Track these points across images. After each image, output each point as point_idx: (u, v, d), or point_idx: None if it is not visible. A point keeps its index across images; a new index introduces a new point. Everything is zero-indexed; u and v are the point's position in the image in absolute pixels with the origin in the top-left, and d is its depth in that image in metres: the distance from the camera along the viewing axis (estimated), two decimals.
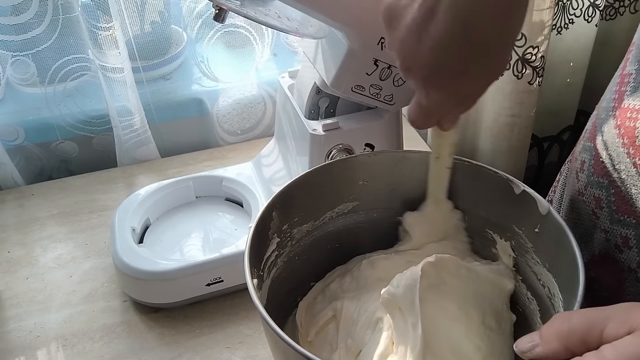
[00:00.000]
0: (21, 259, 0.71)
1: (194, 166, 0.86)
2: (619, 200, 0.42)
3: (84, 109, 0.83)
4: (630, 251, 0.42)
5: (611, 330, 0.30)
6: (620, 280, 0.43)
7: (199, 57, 0.84)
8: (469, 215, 0.52)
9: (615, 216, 0.42)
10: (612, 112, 0.44)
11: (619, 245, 0.42)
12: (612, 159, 0.42)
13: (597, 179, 0.44)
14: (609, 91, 0.46)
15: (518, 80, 0.77)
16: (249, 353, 0.60)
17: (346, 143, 0.61)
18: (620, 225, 0.42)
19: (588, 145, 0.47)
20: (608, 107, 0.45)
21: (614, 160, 0.42)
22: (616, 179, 0.42)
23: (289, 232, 0.50)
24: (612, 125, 0.43)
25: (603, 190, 0.43)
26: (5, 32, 0.74)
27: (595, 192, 0.44)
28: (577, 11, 0.80)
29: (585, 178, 0.46)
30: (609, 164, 0.43)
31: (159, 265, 0.62)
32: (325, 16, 0.50)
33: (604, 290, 0.45)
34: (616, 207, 0.42)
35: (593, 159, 0.45)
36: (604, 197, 0.43)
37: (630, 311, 0.31)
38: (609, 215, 0.43)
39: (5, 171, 0.82)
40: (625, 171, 0.41)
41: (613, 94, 0.44)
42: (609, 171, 0.43)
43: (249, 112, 0.92)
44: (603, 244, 0.44)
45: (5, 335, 0.62)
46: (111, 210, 0.74)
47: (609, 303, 0.32)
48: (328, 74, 0.56)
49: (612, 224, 0.43)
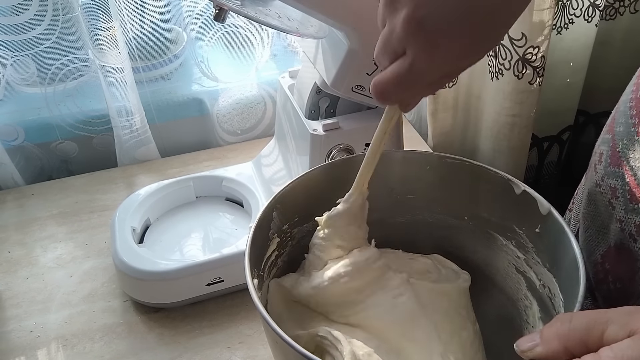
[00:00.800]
0: (21, 259, 0.71)
1: (194, 166, 0.86)
2: (633, 187, 0.42)
3: (84, 109, 0.83)
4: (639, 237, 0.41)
5: (611, 332, 0.30)
6: (634, 270, 0.43)
7: (199, 57, 0.84)
8: (469, 216, 0.52)
9: (629, 205, 0.42)
10: (629, 103, 0.44)
11: (633, 234, 0.42)
12: (627, 147, 0.42)
13: (613, 169, 0.44)
14: (630, 85, 0.46)
15: (518, 80, 0.77)
16: (249, 353, 0.60)
17: (346, 143, 0.61)
18: (634, 214, 0.42)
19: (606, 138, 0.46)
20: (626, 99, 0.45)
21: (629, 149, 0.42)
22: (631, 167, 0.42)
23: (289, 232, 0.50)
24: (628, 116, 0.43)
25: (619, 180, 0.43)
26: (5, 32, 0.74)
27: (611, 182, 0.44)
28: (577, 11, 0.80)
29: (602, 169, 0.46)
30: (624, 153, 0.43)
31: (159, 265, 0.62)
32: (326, 16, 0.50)
33: (618, 281, 0.45)
34: (630, 196, 0.42)
35: (610, 149, 0.45)
36: (619, 186, 0.43)
37: (632, 315, 0.31)
38: (624, 204, 0.43)
39: (5, 171, 0.82)
40: (638, 159, 0.41)
41: (632, 87, 0.44)
42: (622, 161, 0.43)
43: (249, 112, 0.92)
44: (618, 234, 0.44)
45: (5, 336, 0.62)
46: (111, 210, 0.74)
47: (621, 295, 0.32)
48: (328, 74, 0.56)
49: (626, 213, 0.42)
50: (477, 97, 0.85)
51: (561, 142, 0.96)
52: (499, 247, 0.51)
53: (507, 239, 0.50)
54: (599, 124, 0.94)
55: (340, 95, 0.59)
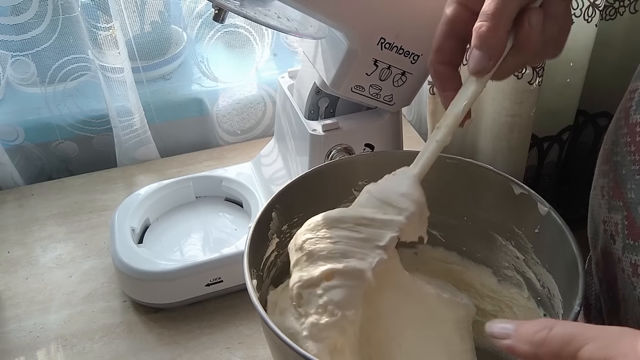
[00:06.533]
0: (21, 259, 0.71)
1: (194, 166, 0.86)
2: (613, 185, 0.42)
3: (84, 109, 0.83)
4: (618, 237, 0.41)
5: (587, 351, 0.28)
6: (615, 275, 0.42)
7: (199, 57, 0.84)
8: (468, 216, 0.52)
9: (612, 202, 0.42)
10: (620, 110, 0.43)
11: (612, 234, 0.42)
12: (615, 144, 0.42)
13: (603, 168, 0.44)
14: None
15: (518, 80, 0.77)
16: (249, 353, 0.60)
17: (346, 143, 0.61)
18: (615, 212, 0.41)
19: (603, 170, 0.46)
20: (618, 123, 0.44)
21: (616, 145, 0.42)
22: (615, 162, 0.42)
23: (288, 232, 0.50)
24: (619, 119, 0.43)
25: (605, 178, 0.43)
26: (5, 32, 0.74)
27: (601, 181, 0.44)
28: (577, 11, 0.80)
29: (597, 169, 0.46)
30: (610, 150, 0.42)
31: (158, 265, 0.62)
32: (325, 16, 0.50)
33: (610, 290, 0.45)
34: (613, 193, 0.42)
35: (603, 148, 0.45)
36: (605, 184, 0.43)
37: (618, 338, 0.28)
38: (608, 202, 0.42)
39: (5, 171, 0.82)
40: (620, 154, 0.41)
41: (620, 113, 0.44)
42: (610, 158, 0.43)
43: (249, 112, 0.92)
44: (603, 237, 0.44)
45: (5, 336, 0.62)
46: (111, 210, 0.74)
47: (612, 303, 0.31)
48: (328, 74, 0.56)
49: (609, 212, 0.42)
50: None
51: (561, 142, 0.96)
52: (498, 247, 0.51)
53: (506, 239, 0.50)
54: (598, 124, 0.94)
55: (339, 95, 0.59)
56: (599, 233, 0.44)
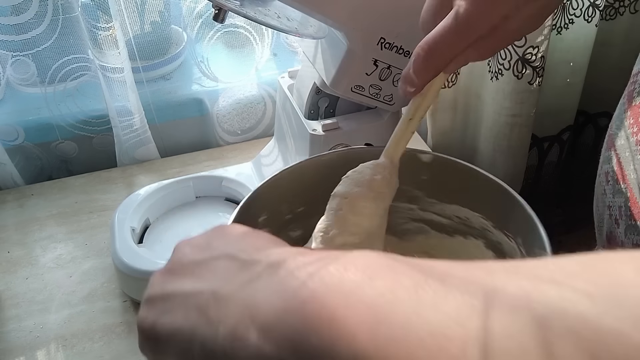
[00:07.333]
0: (21, 259, 0.71)
1: (194, 166, 0.86)
2: (616, 168, 0.42)
3: (84, 109, 0.83)
4: (622, 220, 0.42)
5: None
6: None
7: (199, 57, 0.84)
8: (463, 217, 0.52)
9: (616, 186, 0.42)
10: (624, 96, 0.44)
11: (617, 218, 0.42)
12: (618, 128, 0.42)
13: (607, 153, 0.44)
14: None
15: (518, 80, 0.77)
16: None
17: (346, 143, 0.61)
18: (619, 196, 0.42)
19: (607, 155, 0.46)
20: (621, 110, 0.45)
21: (619, 129, 0.42)
22: (617, 146, 0.42)
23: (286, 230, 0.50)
24: (623, 103, 0.43)
25: (610, 163, 0.43)
26: (5, 32, 0.74)
27: (605, 167, 0.44)
28: (577, 11, 0.80)
29: (602, 155, 0.46)
30: (615, 134, 0.43)
31: (158, 265, 0.62)
32: (325, 16, 0.50)
33: None
34: (617, 177, 0.42)
35: (607, 133, 0.45)
36: (610, 170, 0.43)
37: None
38: (613, 187, 0.43)
39: (5, 171, 0.82)
40: (623, 137, 0.42)
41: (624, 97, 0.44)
42: (614, 143, 0.43)
43: (249, 112, 0.92)
44: (607, 222, 0.44)
45: (5, 336, 0.62)
46: (111, 210, 0.74)
47: None
48: (328, 74, 0.56)
49: (614, 196, 0.43)
50: (476, 97, 0.85)
51: (561, 142, 0.96)
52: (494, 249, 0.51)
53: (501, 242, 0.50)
54: (598, 124, 0.94)
55: (339, 95, 0.59)
56: (603, 220, 0.45)
